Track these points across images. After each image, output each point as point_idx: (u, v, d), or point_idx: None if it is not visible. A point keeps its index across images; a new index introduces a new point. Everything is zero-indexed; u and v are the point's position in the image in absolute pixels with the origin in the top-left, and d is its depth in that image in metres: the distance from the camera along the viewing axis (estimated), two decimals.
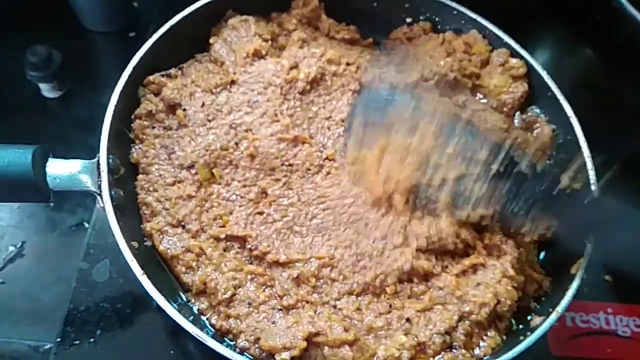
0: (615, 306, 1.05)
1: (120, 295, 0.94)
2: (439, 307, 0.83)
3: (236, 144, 0.91)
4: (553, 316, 0.82)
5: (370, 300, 0.84)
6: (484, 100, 1.05)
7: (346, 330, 0.79)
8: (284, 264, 0.85)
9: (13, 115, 1.17)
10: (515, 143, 0.85)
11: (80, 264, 0.97)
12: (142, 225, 0.86)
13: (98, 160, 0.82)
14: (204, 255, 0.84)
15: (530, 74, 1.05)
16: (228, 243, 0.87)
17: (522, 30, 1.13)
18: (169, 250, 0.84)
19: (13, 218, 1.08)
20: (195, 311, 0.82)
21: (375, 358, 0.78)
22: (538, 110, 1.05)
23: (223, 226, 0.87)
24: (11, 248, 1.05)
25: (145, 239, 0.86)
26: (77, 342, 0.91)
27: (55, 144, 1.10)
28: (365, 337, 0.81)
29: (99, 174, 0.81)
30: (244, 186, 0.90)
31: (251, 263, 0.86)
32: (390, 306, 0.84)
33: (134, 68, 0.92)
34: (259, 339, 0.78)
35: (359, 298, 0.84)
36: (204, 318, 0.81)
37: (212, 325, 0.81)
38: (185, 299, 0.84)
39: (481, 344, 0.83)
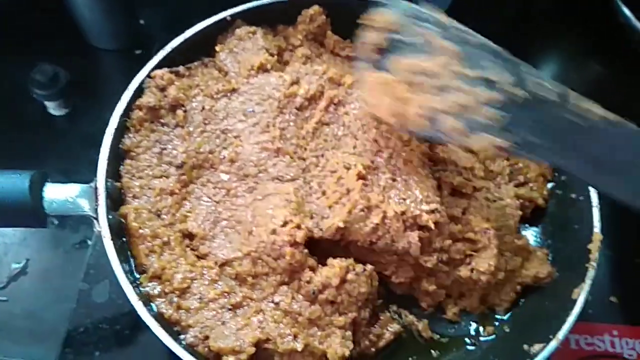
0: (621, 328, 1.03)
1: (119, 316, 0.94)
2: None
3: (224, 148, 0.92)
4: (553, 344, 0.81)
5: (297, 285, 0.85)
6: None
7: (295, 337, 0.80)
8: (225, 264, 0.86)
9: (19, 133, 1.18)
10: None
11: (80, 284, 0.97)
12: (120, 207, 0.87)
13: (96, 185, 0.82)
14: (168, 245, 0.86)
15: None
16: (188, 240, 0.88)
17: (529, 46, 1.12)
18: (140, 230, 0.85)
19: (17, 235, 1.09)
20: (145, 295, 0.82)
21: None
22: None
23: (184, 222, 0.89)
24: (14, 265, 1.06)
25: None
26: None
27: (61, 161, 1.14)
28: (310, 334, 0.83)
29: (97, 198, 0.81)
30: (214, 187, 0.91)
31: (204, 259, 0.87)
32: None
33: (134, 91, 0.93)
34: (207, 337, 0.79)
35: (289, 287, 0.84)
36: (153, 305, 0.81)
37: (161, 314, 0.81)
38: (137, 280, 0.84)
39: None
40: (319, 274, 0.84)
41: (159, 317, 0.80)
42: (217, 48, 1.03)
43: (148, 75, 0.96)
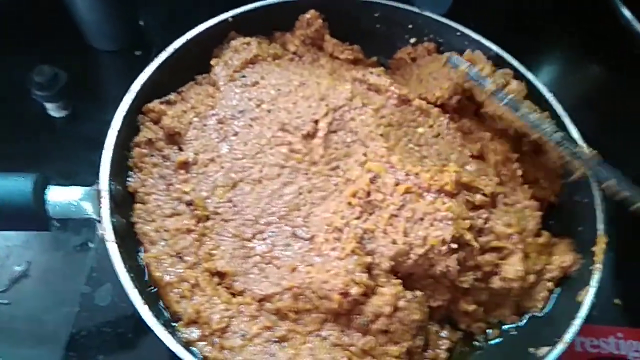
0: (625, 330, 1.03)
1: (122, 319, 0.94)
2: None
3: (234, 184, 0.91)
4: (559, 347, 0.81)
5: (346, 321, 0.83)
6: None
7: None
8: (263, 299, 0.84)
9: (20, 135, 1.17)
10: None
11: (83, 287, 0.97)
12: (140, 255, 0.86)
13: (99, 187, 0.82)
14: (197, 287, 0.83)
15: (533, 95, 1.03)
16: (217, 278, 0.86)
17: (528, 49, 1.12)
18: (165, 277, 0.83)
19: (19, 238, 1.08)
20: (184, 342, 0.80)
21: None
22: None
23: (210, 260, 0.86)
24: (16, 268, 1.05)
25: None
26: None
27: (61, 163, 1.13)
28: None
29: (100, 201, 0.81)
30: (237, 225, 0.89)
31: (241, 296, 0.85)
32: None
33: (136, 93, 0.92)
34: None
35: (337, 322, 0.83)
36: (194, 349, 0.80)
37: (205, 357, 0.79)
38: (174, 329, 0.82)
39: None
40: (370, 303, 0.82)
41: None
42: (212, 62, 1.03)
43: (141, 112, 0.95)
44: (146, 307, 0.75)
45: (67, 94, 1.18)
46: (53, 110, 1.20)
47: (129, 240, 0.84)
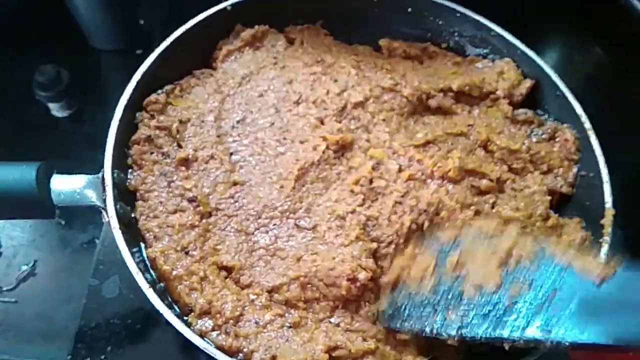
0: None
1: (130, 311, 0.94)
2: None
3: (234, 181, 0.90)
4: None
5: (356, 306, 0.83)
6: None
7: (364, 339, 0.78)
8: (271, 290, 0.83)
9: (24, 134, 1.18)
10: None
11: (90, 280, 0.97)
12: (145, 251, 0.85)
13: (103, 175, 0.82)
14: (206, 280, 0.83)
15: (538, 75, 1.03)
16: (224, 272, 0.85)
17: (531, 31, 1.12)
18: (174, 271, 0.82)
19: (25, 237, 1.09)
20: (198, 333, 0.78)
21: None
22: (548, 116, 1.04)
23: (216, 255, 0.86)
24: (24, 267, 1.06)
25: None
26: (88, 359, 0.90)
27: (66, 162, 1.13)
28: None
29: (104, 189, 0.81)
30: (239, 220, 0.88)
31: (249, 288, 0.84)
32: None
33: (137, 82, 0.93)
34: (275, 356, 0.76)
35: (347, 310, 0.83)
36: (207, 339, 0.78)
37: (220, 347, 0.77)
38: (186, 322, 0.80)
39: None
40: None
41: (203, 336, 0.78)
42: (217, 54, 1.03)
43: (142, 108, 0.95)
44: (152, 290, 0.75)
45: (70, 94, 1.20)
46: (56, 110, 1.21)
47: (133, 227, 0.84)
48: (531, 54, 1.04)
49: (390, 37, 1.11)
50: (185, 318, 0.80)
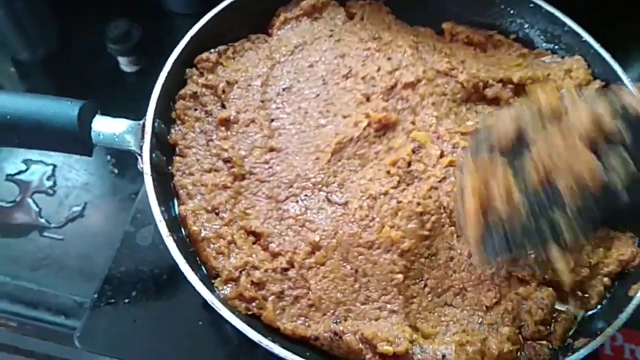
0: None
1: (159, 261, 0.96)
2: None
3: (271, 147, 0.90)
4: (598, 339, 0.75)
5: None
6: None
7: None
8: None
9: (91, 86, 1.22)
10: None
11: (127, 226, 1.00)
12: (177, 208, 0.86)
13: (144, 122, 0.84)
14: (234, 244, 0.83)
15: (609, 77, 0.96)
16: (252, 237, 0.85)
17: (618, 33, 1.05)
18: (202, 232, 0.83)
19: (80, 180, 1.15)
20: (222, 299, 0.79)
21: None
22: None
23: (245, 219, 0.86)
24: (75, 208, 1.11)
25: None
26: (113, 300, 0.93)
27: (126, 114, 1.18)
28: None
29: (143, 136, 0.83)
30: (272, 187, 0.88)
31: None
32: None
33: (190, 38, 0.95)
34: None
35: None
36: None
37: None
38: (212, 286, 0.81)
39: None
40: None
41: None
42: (274, 21, 1.04)
43: (193, 65, 0.97)
44: (171, 239, 0.76)
45: (140, 51, 1.23)
46: (125, 64, 1.25)
47: (165, 187, 0.86)
48: (605, 54, 0.97)
49: (455, 22, 1.07)
50: (212, 281, 0.80)
